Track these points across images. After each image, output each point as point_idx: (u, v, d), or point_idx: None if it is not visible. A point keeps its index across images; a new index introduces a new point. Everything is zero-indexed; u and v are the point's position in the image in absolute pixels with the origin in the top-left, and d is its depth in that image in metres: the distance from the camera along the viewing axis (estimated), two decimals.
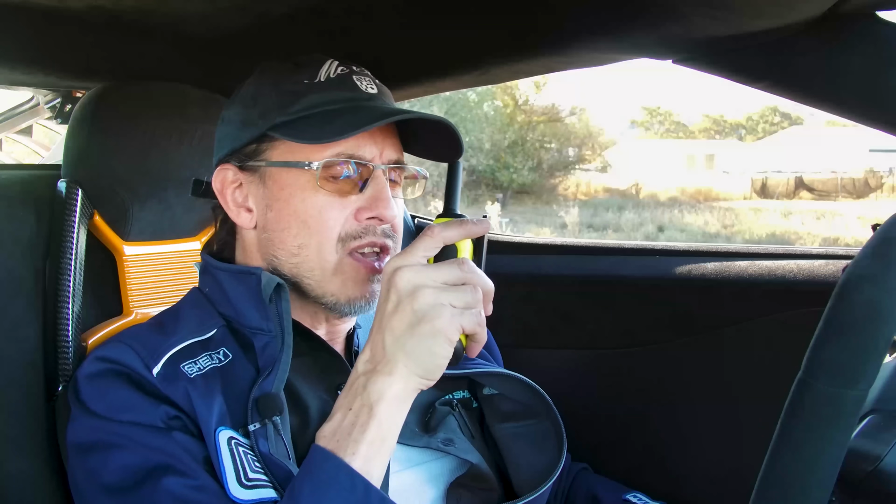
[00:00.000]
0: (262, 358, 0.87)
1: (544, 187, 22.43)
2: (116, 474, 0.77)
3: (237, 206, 0.94)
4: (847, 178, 23.44)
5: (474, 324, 0.73)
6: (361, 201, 0.89)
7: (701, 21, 0.82)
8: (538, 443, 0.99)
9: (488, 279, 0.77)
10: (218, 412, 0.81)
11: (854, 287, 0.55)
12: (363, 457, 0.71)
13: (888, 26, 0.80)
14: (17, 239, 1.07)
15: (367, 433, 0.72)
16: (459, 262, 0.74)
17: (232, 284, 0.91)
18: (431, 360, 0.72)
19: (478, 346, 0.77)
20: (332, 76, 0.90)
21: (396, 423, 0.74)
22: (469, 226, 0.77)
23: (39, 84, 1.37)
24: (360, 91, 0.91)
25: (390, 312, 0.73)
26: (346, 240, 0.88)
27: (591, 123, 25.18)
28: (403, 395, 0.73)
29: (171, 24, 1.05)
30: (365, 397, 0.73)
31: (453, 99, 20.84)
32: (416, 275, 0.73)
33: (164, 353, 0.85)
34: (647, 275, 1.35)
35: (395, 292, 0.73)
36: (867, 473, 0.64)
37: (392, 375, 0.72)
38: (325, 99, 0.88)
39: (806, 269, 1.20)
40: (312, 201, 0.88)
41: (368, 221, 0.89)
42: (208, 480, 0.76)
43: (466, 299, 0.73)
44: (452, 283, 0.73)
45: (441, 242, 0.76)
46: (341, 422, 0.73)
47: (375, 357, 0.74)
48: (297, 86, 0.89)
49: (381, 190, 0.88)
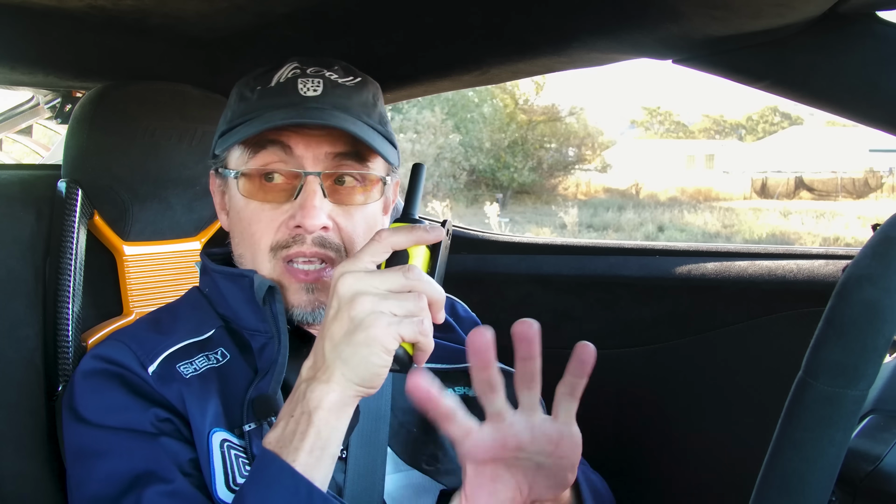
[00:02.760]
0: (261, 359, 0.87)
1: (544, 187, 22.44)
2: (101, 483, 0.78)
3: (221, 209, 0.96)
4: (847, 178, 23.45)
5: (415, 332, 0.70)
6: (292, 209, 0.87)
7: (701, 21, 0.82)
8: None
9: (437, 287, 0.73)
10: (213, 413, 0.82)
11: (854, 287, 0.55)
12: (303, 464, 0.69)
13: (888, 26, 0.80)
14: (17, 239, 1.07)
15: (305, 441, 0.70)
16: (406, 268, 0.72)
17: (227, 286, 0.92)
18: (367, 369, 0.70)
19: (424, 354, 0.73)
20: (281, 81, 0.89)
21: (337, 431, 0.72)
22: (419, 232, 0.74)
23: (39, 84, 1.37)
24: (297, 94, 0.88)
25: (331, 319, 0.71)
26: (276, 249, 0.87)
27: (591, 123, 25.16)
28: (341, 402, 0.71)
29: (171, 24, 1.05)
30: (304, 405, 0.71)
31: (453, 99, 20.85)
32: (358, 281, 0.70)
33: (160, 352, 0.85)
34: (647, 275, 1.35)
35: (336, 298, 0.71)
36: (867, 473, 0.64)
37: (329, 383, 0.71)
38: (261, 104, 0.88)
39: (806, 269, 1.20)
40: (244, 212, 0.89)
41: (296, 230, 0.87)
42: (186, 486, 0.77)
43: (408, 307, 0.70)
44: (396, 290, 0.70)
45: (389, 248, 0.74)
46: (284, 429, 0.72)
47: (317, 364, 0.72)
48: (249, 92, 0.90)
49: (307, 198, 0.85)
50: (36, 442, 1.03)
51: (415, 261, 0.76)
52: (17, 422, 1.03)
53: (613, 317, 1.39)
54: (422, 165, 0.83)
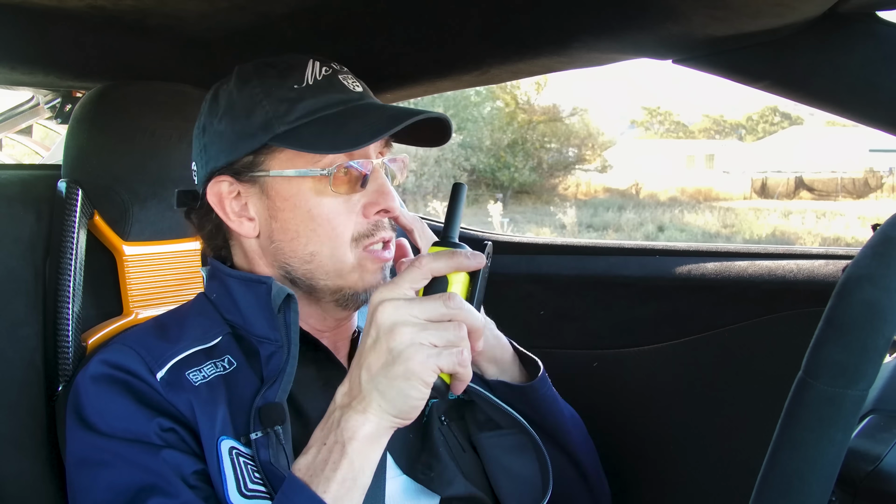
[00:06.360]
0: (268, 367, 0.87)
1: (544, 187, 22.43)
2: (103, 494, 0.78)
3: (237, 216, 0.92)
4: (847, 178, 23.44)
5: (454, 364, 0.69)
6: (366, 197, 0.88)
7: (701, 21, 0.82)
8: (514, 456, 0.97)
9: (478, 315, 0.72)
10: (221, 421, 0.81)
11: (854, 287, 0.55)
12: (333, 495, 0.69)
13: (888, 26, 0.80)
14: (17, 239, 1.07)
15: (338, 472, 0.69)
16: (445, 296, 0.70)
17: (241, 292, 0.91)
18: (405, 402, 0.69)
19: (462, 384, 0.73)
20: (318, 78, 0.89)
21: (370, 461, 0.72)
22: (460, 258, 0.73)
23: (39, 84, 1.37)
24: (350, 91, 0.90)
25: (369, 348, 0.71)
26: (359, 239, 0.88)
27: (592, 124, 25.15)
28: (376, 434, 0.71)
29: (171, 24, 1.06)
30: (339, 434, 0.71)
31: (454, 99, 20.84)
32: (397, 310, 0.69)
33: (168, 359, 0.85)
34: (647, 275, 1.35)
35: (374, 327, 0.70)
36: (867, 473, 0.64)
37: (365, 413, 0.70)
38: (320, 103, 0.87)
39: (806, 269, 1.20)
40: (320, 208, 0.87)
41: (377, 216, 0.89)
42: (190, 499, 0.76)
43: (448, 338, 0.69)
44: (436, 319, 0.69)
45: (429, 274, 0.72)
46: (315, 456, 0.71)
47: (352, 391, 0.72)
48: (290, 92, 0.88)
49: (384, 184, 0.89)
50: (36, 442, 1.03)
51: (454, 287, 0.74)
52: (17, 422, 1.03)
53: (613, 317, 1.39)
54: (463, 185, 0.82)
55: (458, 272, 0.74)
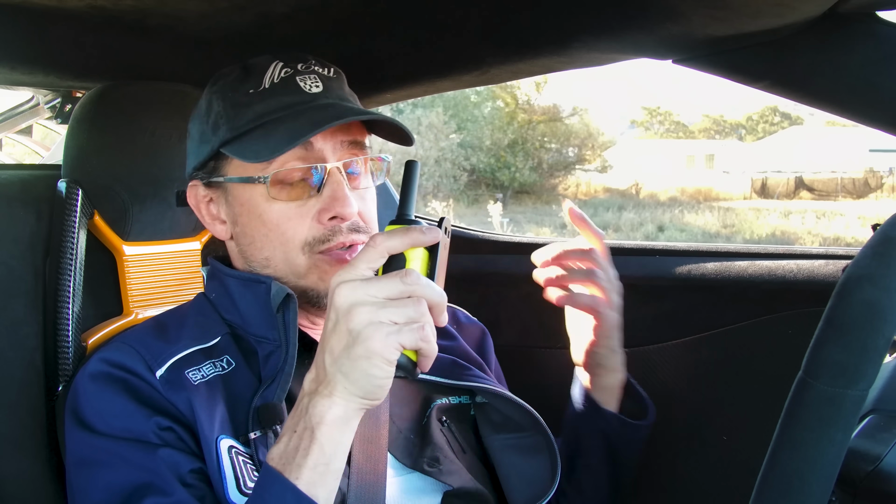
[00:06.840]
0: (266, 367, 0.87)
1: (544, 187, 22.44)
2: (100, 493, 0.78)
3: (212, 219, 0.95)
4: (847, 178, 23.45)
5: (416, 339, 0.67)
6: (320, 202, 0.87)
7: (701, 21, 0.82)
8: (529, 456, 0.97)
9: (437, 289, 0.71)
10: (220, 420, 0.82)
11: (854, 287, 0.55)
12: (307, 481, 0.68)
13: (888, 26, 0.80)
14: (17, 239, 1.07)
15: (309, 458, 0.69)
16: (402, 273, 0.69)
17: (241, 291, 0.91)
18: (369, 382, 0.68)
19: (428, 360, 0.71)
20: (275, 81, 0.88)
21: (342, 445, 0.71)
22: (415, 234, 0.71)
23: (39, 84, 1.37)
24: (304, 93, 0.89)
25: (330, 331, 0.69)
26: (313, 244, 0.88)
27: (592, 124, 25.16)
28: (345, 417, 0.70)
29: (171, 24, 1.05)
30: (307, 420, 0.70)
31: (454, 99, 20.85)
32: (354, 291, 0.68)
33: (168, 358, 0.85)
34: (647, 275, 1.35)
35: (334, 310, 0.69)
36: (867, 473, 0.64)
37: (332, 397, 0.69)
38: (268, 108, 0.87)
39: (806, 269, 1.20)
40: (269, 214, 0.88)
41: (331, 222, 0.88)
42: (185, 498, 0.77)
43: (408, 314, 0.67)
44: (394, 296, 0.68)
45: (385, 252, 0.71)
46: (287, 444, 0.71)
47: (318, 377, 0.71)
48: (244, 97, 0.88)
49: (337, 188, 0.87)
50: (36, 442, 1.03)
51: (412, 264, 0.73)
52: (17, 422, 1.03)
53: None
54: (415, 163, 0.79)
55: (415, 248, 0.73)
